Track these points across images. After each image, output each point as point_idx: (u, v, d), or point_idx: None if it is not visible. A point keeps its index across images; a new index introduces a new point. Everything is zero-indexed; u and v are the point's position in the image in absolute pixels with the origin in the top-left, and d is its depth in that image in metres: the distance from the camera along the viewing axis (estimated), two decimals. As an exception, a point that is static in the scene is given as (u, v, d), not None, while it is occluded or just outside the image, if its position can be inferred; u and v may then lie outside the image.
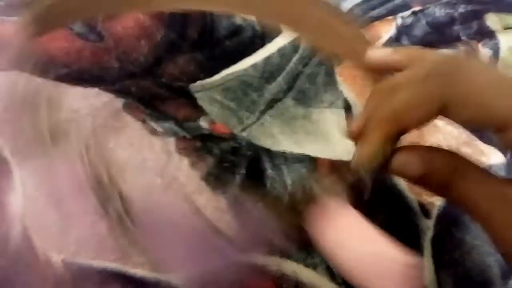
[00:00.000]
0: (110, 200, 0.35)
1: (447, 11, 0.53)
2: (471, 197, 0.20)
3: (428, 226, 0.37)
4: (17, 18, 0.45)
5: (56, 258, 0.32)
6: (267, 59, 0.45)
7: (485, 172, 0.21)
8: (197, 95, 0.42)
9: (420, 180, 0.21)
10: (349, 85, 0.45)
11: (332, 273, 0.34)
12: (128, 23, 0.46)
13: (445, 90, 0.21)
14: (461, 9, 0.53)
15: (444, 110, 0.21)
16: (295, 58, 0.46)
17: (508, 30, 0.51)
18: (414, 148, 0.22)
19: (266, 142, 0.40)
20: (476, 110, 0.20)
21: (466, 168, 0.21)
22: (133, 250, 0.33)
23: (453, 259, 0.36)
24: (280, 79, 0.43)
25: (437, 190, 0.22)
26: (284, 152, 0.39)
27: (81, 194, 0.35)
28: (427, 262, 0.35)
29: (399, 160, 0.22)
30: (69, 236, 0.33)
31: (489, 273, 0.35)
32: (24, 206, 0.34)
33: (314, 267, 0.34)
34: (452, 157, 0.21)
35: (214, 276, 0.28)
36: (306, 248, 0.34)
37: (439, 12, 0.53)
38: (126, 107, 0.40)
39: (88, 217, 0.34)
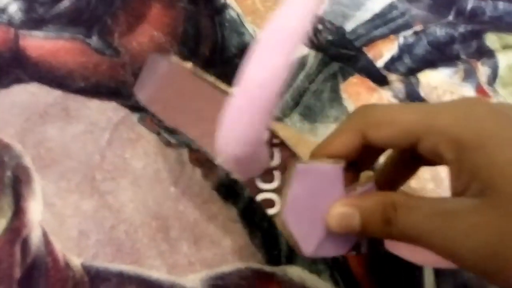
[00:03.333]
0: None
1: (448, 30, 0.54)
2: (417, 226, 0.20)
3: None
4: (37, 32, 0.46)
5: (76, 261, 0.33)
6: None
7: (423, 198, 0.21)
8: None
9: (361, 231, 0.22)
10: (354, 101, 0.46)
11: (335, 279, 0.35)
12: (143, 39, 0.47)
13: (361, 120, 0.24)
14: (461, 29, 0.54)
15: (364, 137, 0.23)
16: (301, 75, 0.47)
17: (506, 49, 0.52)
18: (346, 200, 0.22)
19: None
20: (389, 128, 0.22)
21: (403, 201, 0.21)
22: (149, 253, 0.34)
23: (452, 270, 0.36)
24: (287, 95, 0.44)
25: (380, 234, 0.22)
26: (293, 164, 0.40)
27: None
28: (428, 272, 0.36)
29: (337, 216, 0.22)
30: (88, 240, 0.34)
31: (486, 283, 0.36)
32: (44, 212, 0.35)
33: (318, 273, 0.35)
34: (384, 195, 0.22)
35: (224, 281, 0.29)
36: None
37: (439, 31, 0.53)
38: (142, 120, 0.42)
39: (107, 221, 0.35)
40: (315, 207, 0.22)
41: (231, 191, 0.37)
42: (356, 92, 0.46)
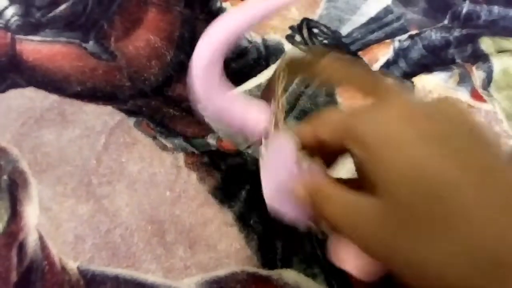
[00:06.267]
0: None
1: (443, 34, 0.54)
2: (336, 218, 0.21)
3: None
4: (33, 37, 0.46)
5: (72, 265, 0.33)
6: (271, 80, 0.47)
7: (341, 188, 0.22)
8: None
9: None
10: (349, 105, 0.46)
11: (330, 282, 0.35)
12: (140, 44, 0.48)
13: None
14: (456, 33, 0.54)
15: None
16: (297, 79, 0.47)
17: (501, 53, 0.53)
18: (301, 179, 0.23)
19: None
20: (324, 128, 0.23)
21: (325, 189, 0.22)
22: (145, 257, 0.34)
23: None
24: (283, 99, 0.45)
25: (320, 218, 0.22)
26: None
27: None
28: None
29: (296, 190, 0.23)
30: (84, 244, 0.34)
31: None
32: (40, 216, 0.35)
33: (313, 277, 0.35)
34: (313, 180, 0.23)
35: (220, 285, 0.29)
36: (306, 259, 0.36)
37: (435, 35, 0.54)
38: (137, 124, 0.42)
39: (103, 225, 0.35)
40: (279, 164, 0.25)
41: (227, 194, 0.38)
42: (352, 96, 0.47)
